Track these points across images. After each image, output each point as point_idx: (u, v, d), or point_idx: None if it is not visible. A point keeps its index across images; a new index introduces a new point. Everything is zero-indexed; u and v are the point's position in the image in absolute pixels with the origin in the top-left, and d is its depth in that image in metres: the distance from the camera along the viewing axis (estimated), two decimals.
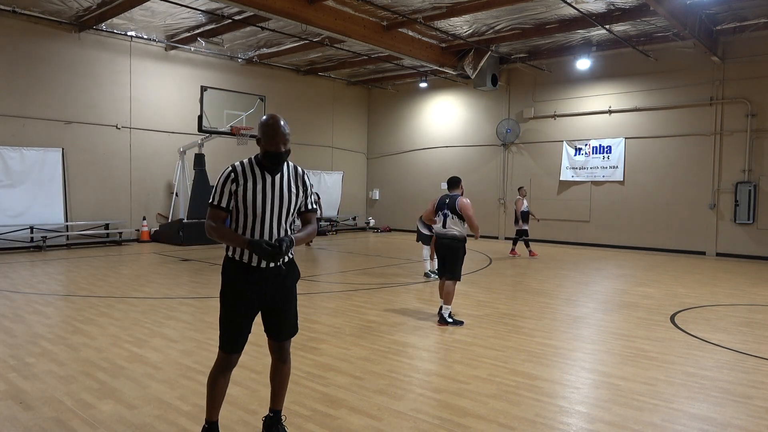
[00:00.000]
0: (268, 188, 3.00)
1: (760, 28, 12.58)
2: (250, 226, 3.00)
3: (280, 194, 3.03)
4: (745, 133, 13.64)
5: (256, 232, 3.00)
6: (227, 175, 3.00)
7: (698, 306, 7.65)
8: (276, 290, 3.08)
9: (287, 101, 18.56)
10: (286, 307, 3.16)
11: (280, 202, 3.03)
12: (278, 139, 2.95)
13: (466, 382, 4.36)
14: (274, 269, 3.04)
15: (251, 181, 2.98)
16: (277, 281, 3.07)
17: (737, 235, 13.79)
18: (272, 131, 2.95)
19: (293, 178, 3.11)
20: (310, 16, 11.30)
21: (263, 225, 3.00)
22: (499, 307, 7.40)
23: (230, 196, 2.99)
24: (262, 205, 2.98)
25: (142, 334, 5.68)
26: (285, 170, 3.09)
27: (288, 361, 3.29)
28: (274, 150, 2.95)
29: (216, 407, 3.15)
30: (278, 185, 3.04)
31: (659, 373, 4.65)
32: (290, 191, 3.07)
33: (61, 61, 13.73)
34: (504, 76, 17.29)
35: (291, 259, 3.18)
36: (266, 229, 3.01)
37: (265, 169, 3.02)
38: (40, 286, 8.44)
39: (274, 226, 3.03)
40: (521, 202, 13.29)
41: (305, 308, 7.13)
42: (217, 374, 3.11)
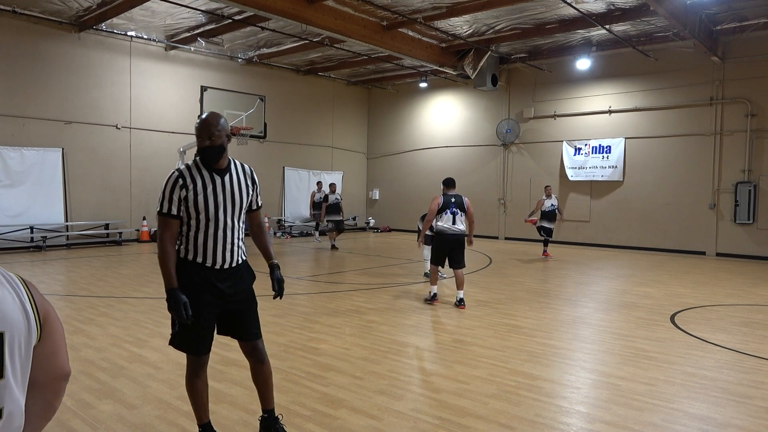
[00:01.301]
0: (218, 190, 2.98)
1: (760, 28, 12.58)
2: (203, 229, 2.98)
3: (231, 195, 3.02)
4: (745, 133, 13.64)
5: (209, 234, 2.98)
6: (174, 181, 2.94)
7: (698, 306, 7.65)
8: (233, 290, 3.07)
9: (287, 101, 18.57)
10: (248, 307, 3.16)
11: (232, 202, 3.02)
12: (204, 134, 2.92)
13: (466, 382, 4.36)
14: (228, 270, 3.05)
15: (200, 185, 2.95)
16: (232, 282, 3.07)
17: (737, 235, 13.79)
18: (200, 127, 2.94)
19: (243, 177, 3.09)
20: (310, 16, 11.30)
21: (216, 227, 2.98)
22: (499, 307, 7.40)
23: (179, 202, 2.93)
24: (215, 207, 2.96)
25: (142, 334, 5.68)
26: (234, 170, 3.07)
27: (266, 361, 3.27)
28: (200, 145, 2.94)
29: (204, 410, 3.17)
30: (228, 186, 3.01)
31: (659, 373, 4.65)
32: (241, 190, 3.06)
33: (61, 61, 13.73)
34: (504, 76, 17.29)
35: (245, 260, 3.19)
36: (220, 231, 2.99)
37: (213, 170, 2.99)
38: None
39: (228, 227, 3.02)
40: (543, 202, 12.98)
41: (305, 308, 7.14)
42: (192, 379, 3.11)
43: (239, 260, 3.12)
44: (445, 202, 7.25)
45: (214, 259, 3.00)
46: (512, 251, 14.62)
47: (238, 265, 3.10)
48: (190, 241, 2.99)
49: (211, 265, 3.00)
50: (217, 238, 2.99)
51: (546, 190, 13.27)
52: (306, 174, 19.46)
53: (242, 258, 3.16)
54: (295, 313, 6.80)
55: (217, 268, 3.01)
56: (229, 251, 3.04)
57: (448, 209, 7.20)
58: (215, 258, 3.00)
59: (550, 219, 13.04)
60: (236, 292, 3.08)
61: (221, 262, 3.02)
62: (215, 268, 3.01)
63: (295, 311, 6.93)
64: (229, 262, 3.05)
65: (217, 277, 3.01)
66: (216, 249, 3.00)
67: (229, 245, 3.04)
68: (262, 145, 17.55)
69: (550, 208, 13.01)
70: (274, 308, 7.05)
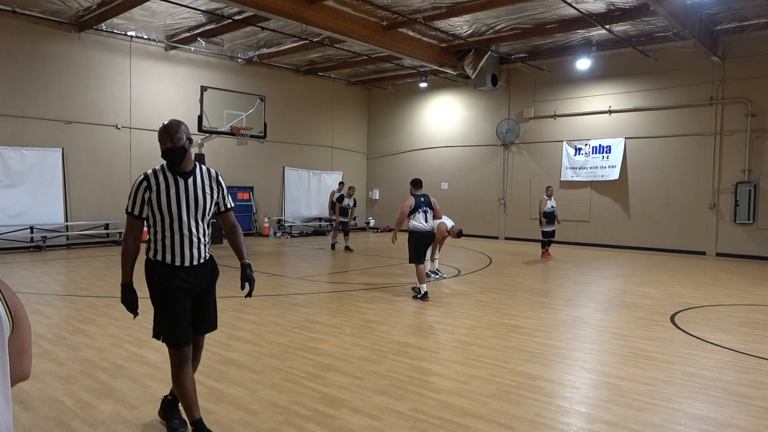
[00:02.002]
0: (182, 192, 3.17)
1: (760, 28, 12.58)
2: (168, 227, 3.16)
3: (195, 196, 3.20)
4: (745, 133, 13.64)
5: (174, 233, 3.16)
6: (140, 183, 3.16)
7: (698, 306, 7.65)
8: (197, 285, 3.26)
9: (287, 101, 18.57)
10: (207, 300, 3.34)
11: (195, 204, 3.20)
12: (166, 137, 3.13)
13: (466, 382, 4.35)
14: (195, 267, 3.24)
15: (164, 187, 3.15)
16: (198, 278, 3.26)
17: (737, 235, 13.79)
18: (162, 131, 3.15)
19: (207, 180, 3.28)
20: (310, 16, 11.30)
21: (181, 226, 3.17)
22: (499, 307, 7.39)
23: (143, 203, 3.16)
24: (177, 208, 3.15)
25: (142, 334, 5.68)
26: (198, 173, 3.26)
27: (198, 359, 3.45)
28: (163, 147, 3.14)
29: (194, 405, 3.25)
30: (192, 188, 3.20)
31: (659, 373, 4.65)
32: (204, 192, 3.24)
33: (61, 61, 13.73)
34: (504, 76, 17.29)
35: (210, 256, 3.36)
36: (184, 230, 3.18)
37: (177, 174, 3.18)
38: (40, 286, 8.44)
39: (192, 227, 3.20)
40: (545, 202, 12.83)
41: (305, 308, 7.14)
42: (177, 375, 3.21)
43: (205, 257, 3.30)
44: (416, 202, 7.75)
45: (182, 257, 3.18)
46: (512, 251, 14.63)
47: (204, 261, 3.29)
48: (158, 241, 3.19)
49: (179, 263, 3.18)
50: (183, 237, 3.17)
51: (548, 190, 13.16)
52: (306, 174, 19.46)
53: (207, 255, 3.33)
54: (295, 313, 6.80)
55: (185, 266, 3.20)
56: (195, 249, 3.22)
57: (420, 209, 7.75)
58: (182, 256, 3.19)
59: (550, 220, 12.95)
60: (200, 286, 3.27)
61: (189, 260, 3.20)
62: (183, 265, 3.19)
63: (295, 311, 6.93)
64: (195, 260, 3.23)
65: (187, 274, 3.21)
66: (182, 247, 3.18)
67: (195, 243, 3.21)
68: (262, 145, 17.56)
69: (551, 209, 12.91)
70: (274, 308, 7.05)
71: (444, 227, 9.36)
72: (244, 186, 17.71)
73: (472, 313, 6.94)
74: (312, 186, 19.65)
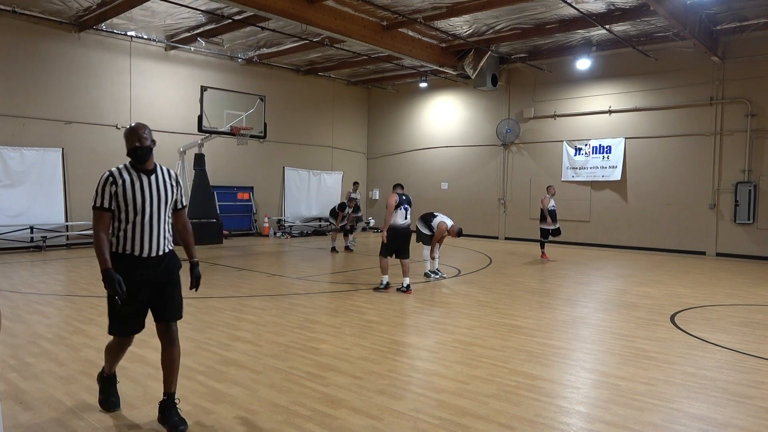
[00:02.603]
0: (145, 187, 3.43)
1: (760, 28, 12.58)
2: (132, 221, 3.39)
3: (157, 191, 3.47)
4: (745, 133, 13.64)
5: (137, 226, 3.39)
6: (106, 179, 3.40)
7: (698, 306, 7.65)
8: (159, 277, 3.48)
9: (287, 101, 18.57)
10: (170, 290, 3.54)
11: (158, 198, 3.46)
12: (134, 138, 3.41)
13: (466, 382, 4.35)
14: (155, 258, 3.46)
15: (129, 182, 3.40)
16: (157, 269, 3.47)
17: (737, 235, 13.79)
18: (130, 132, 3.44)
19: (167, 178, 3.56)
20: (310, 16, 11.30)
21: (143, 219, 3.40)
22: (499, 307, 7.39)
23: (110, 197, 3.37)
24: (142, 202, 3.39)
25: (141, 334, 5.65)
26: (159, 172, 3.54)
27: (176, 344, 3.61)
28: (131, 146, 3.42)
29: (115, 364, 3.77)
30: (154, 184, 3.47)
31: (659, 373, 4.65)
32: (165, 188, 3.52)
33: (61, 61, 13.73)
34: (504, 76, 17.29)
35: (171, 249, 3.59)
36: (146, 222, 3.41)
37: (140, 171, 3.46)
38: (40, 286, 8.44)
39: (154, 219, 3.44)
40: (548, 200, 12.79)
41: (305, 308, 7.14)
42: (114, 350, 3.67)
43: (165, 249, 3.53)
44: (399, 200, 8.30)
45: (142, 247, 3.40)
46: (512, 251, 14.63)
47: (165, 254, 3.52)
48: (120, 233, 3.40)
49: (139, 254, 3.40)
50: (144, 229, 3.40)
51: (550, 189, 13.11)
52: (306, 174, 19.46)
53: (168, 248, 3.56)
54: (295, 313, 6.80)
55: (144, 257, 3.41)
56: (155, 241, 3.45)
57: (402, 206, 8.30)
58: (143, 247, 3.40)
59: (553, 219, 12.92)
60: (161, 277, 3.49)
61: (148, 251, 3.42)
62: (143, 256, 3.41)
63: (295, 311, 6.93)
64: (156, 251, 3.45)
65: (146, 265, 3.42)
66: (143, 239, 3.40)
67: (156, 235, 3.45)
68: (262, 145, 17.55)
69: (552, 208, 12.91)
70: (274, 308, 7.05)
71: (444, 226, 9.36)
72: (244, 186, 17.72)
73: (472, 313, 6.94)
74: (312, 186, 19.64)
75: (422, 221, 9.68)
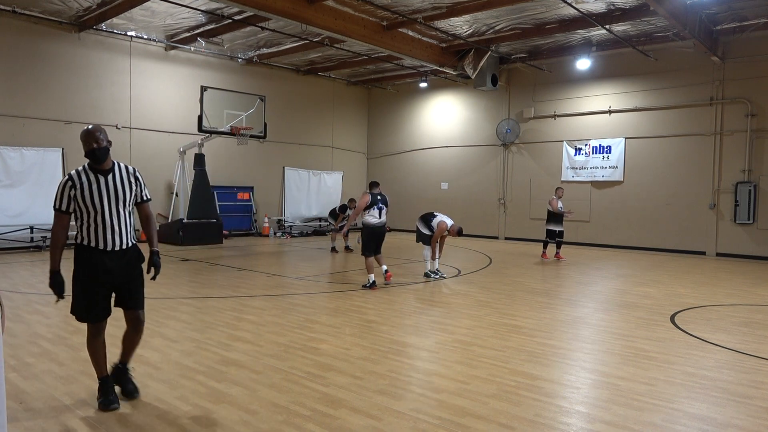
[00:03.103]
0: (102, 187, 3.65)
1: (760, 28, 12.58)
2: (93, 219, 3.64)
3: (115, 190, 3.69)
4: (745, 133, 13.64)
5: (98, 224, 3.64)
6: (65, 182, 3.63)
7: (698, 306, 7.65)
8: (122, 269, 3.73)
9: (287, 101, 18.57)
10: (134, 282, 3.83)
11: (116, 196, 3.69)
12: (91, 140, 3.62)
13: (466, 382, 4.35)
14: (118, 252, 3.72)
15: (87, 184, 3.62)
16: (122, 261, 3.73)
17: (737, 235, 13.79)
18: (87, 134, 3.65)
19: (125, 176, 3.77)
20: (310, 16, 11.30)
21: (104, 217, 3.65)
22: (499, 307, 7.39)
23: (70, 200, 3.61)
24: (100, 201, 3.63)
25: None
26: (117, 171, 3.74)
27: (141, 330, 3.95)
28: (88, 148, 3.63)
29: (103, 365, 3.82)
30: (111, 183, 3.69)
31: (659, 373, 4.65)
32: (123, 186, 3.73)
33: (61, 61, 13.73)
34: (504, 76, 17.29)
35: (134, 244, 3.85)
36: (107, 220, 3.66)
37: (98, 172, 3.67)
38: (40, 286, 8.44)
39: (114, 216, 3.68)
40: (556, 202, 12.70)
41: (305, 308, 7.14)
42: (91, 341, 3.78)
43: (128, 244, 3.76)
44: (372, 200, 8.53)
45: (105, 242, 3.66)
46: (512, 251, 14.63)
47: (127, 248, 3.76)
48: (84, 230, 3.66)
49: (102, 248, 3.66)
50: (105, 226, 3.65)
51: (558, 191, 12.94)
52: (306, 174, 19.46)
53: (131, 242, 3.79)
54: (295, 313, 6.80)
55: (108, 250, 3.67)
56: (117, 236, 3.70)
57: (375, 205, 8.54)
58: (105, 242, 3.67)
59: (559, 220, 12.82)
60: (124, 270, 3.75)
61: (111, 245, 3.68)
62: (106, 250, 3.67)
63: (295, 311, 6.93)
64: (118, 245, 3.70)
65: (109, 258, 3.68)
66: (105, 234, 3.66)
67: (116, 231, 3.69)
68: (262, 145, 17.56)
69: (560, 209, 12.75)
70: (274, 308, 7.05)
71: (444, 225, 9.35)
72: (244, 186, 17.72)
73: (472, 313, 6.94)
74: (312, 186, 19.64)
75: (422, 221, 9.68)
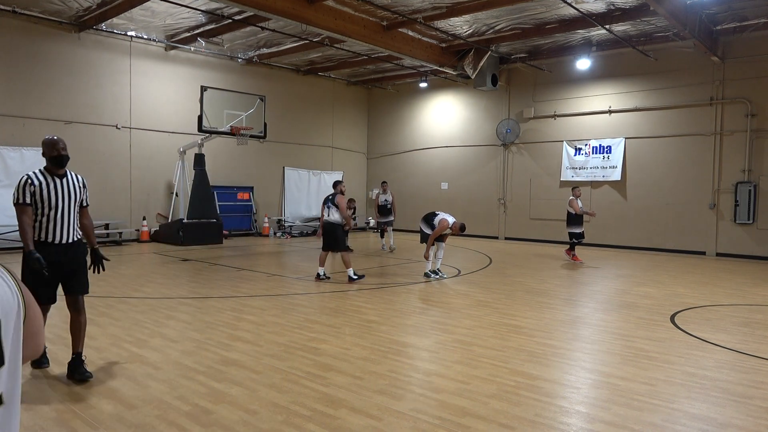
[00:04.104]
0: (58, 188, 4.30)
1: (760, 28, 12.58)
2: (47, 215, 4.24)
3: (67, 191, 4.35)
4: (745, 133, 13.64)
5: (50, 219, 4.25)
6: (25, 181, 4.19)
7: (698, 306, 7.65)
8: (68, 259, 4.36)
9: (287, 101, 18.57)
10: (77, 270, 4.45)
11: (68, 197, 4.34)
12: (57, 147, 4.27)
13: (466, 382, 4.35)
14: (65, 245, 4.34)
15: (45, 184, 4.23)
16: (67, 253, 4.36)
17: (737, 235, 13.79)
18: (52, 143, 4.27)
19: (76, 182, 4.45)
20: (310, 16, 11.30)
21: (56, 213, 4.27)
22: (499, 307, 7.40)
23: (30, 195, 4.19)
24: (55, 200, 4.26)
25: (142, 334, 5.68)
26: (69, 176, 4.40)
27: (83, 313, 4.54)
28: (52, 154, 4.25)
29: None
30: (65, 186, 4.34)
31: (659, 373, 4.65)
32: (75, 189, 4.41)
33: (61, 61, 13.72)
34: (504, 76, 17.28)
35: (80, 238, 4.49)
36: (59, 216, 4.28)
37: (54, 175, 4.31)
38: None
39: (65, 214, 4.32)
40: (576, 202, 12.45)
41: (305, 308, 7.14)
42: None
43: (74, 238, 4.41)
44: (325, 200, 9.29)
45: (54, 236, 4.28)
46: (512, 251, 14.63)
47: (74, 241, 4.40)
48: (37, 224, 4.24)
49: (52, 241, 4.28)
50: (57, 222, 4.28)
51: (575, 191, 12.67)
52: (306, 174, 19.46)
53: (76, 237, 4.43)
54: (295, 313, 6.80)
55: (57, 243, 4.29)
56: (66, 231, 4.34)
57: (325, 205, 9.26)
58: (55, 235, 4.29)
59: (580, 222, 12.56)
60: (70, 260, 4.37)
61: (60, 238, 4.30)
62: (56, 242, 4.29)
63: (295, 311, 6.93)
64: (66, 239, 4.33)
65: (57, 250, 4.29)
66: (56, 229, 4.29)
67: (66, 227, 4.34)
68: (262, 145, 17.56)
69: (582, 210, 12.51)
70: (274, 308, 7.06)
71: (446, 223, 9.32)
72: (244, 186, 17.72)
73: (472, 313, 6.94)
74: (312, 186, 19.63)
75: (425, 221, 9.67)
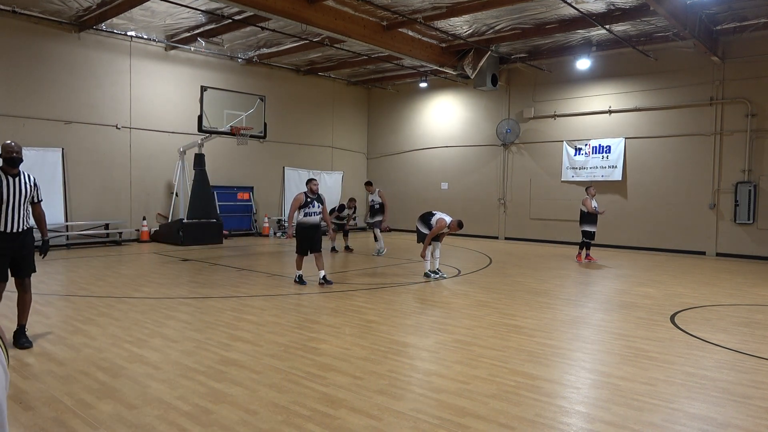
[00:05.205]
0: (11, 186, 5.12)
1: (760, 28, 12.58)
2: (2, 209, 5.05)
3: (19, 189, 5.17)
4: (745, 133, 13.64)
5: (2, 212, 5.05)
6: None
7: (698, 306, 7.65)
8: (18, 246, 5.20)
9: (287, 101, 18.57)
10: (25, 256, 5.28)
11: (19, 194, 5.16)
12: (13, 150, 5.11)
13: (466, 382, 4.35)
14: (15, 234, 5.16)
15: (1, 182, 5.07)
16: (18, 241, 5.20)
17: (737, 235, 13.78)
18: (6, 147, 5.10)
19: (28, 181, 5.26)
20: (310, 16, 11.30)
21: (8, 207, 5.09)
22: (499, 307, 7.39)
23: None
24: (8, 195, 5.08)
25: (142, 334, 5.68)
26: (22, 176, 5.22)
27: (29, 292, 5.36)
28: (8, 156, 5.08)
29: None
30: (18, 184, 5.17)
31: (659, 373, 4.65)
32: (26, 187, 5.23)
33: (61, 61, 13.72)
34: (504, 76, 17.28)
35: (29, 228, 5.30)
36: (11, 210, 5.10)
37: (8, 174, 5.13)
38: (40, 286, 8.43)
39: (16, 208, 5.14)
40: (590, 201, 12.37)
41: (305, 308, 7.14)
42: None
43: (23, 228, 5.23)
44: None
45: (6, 226, 5.11)
46: (512, 251, 14.63)
47: (22, 231, 5.22)
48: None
49: (3, 230, 5.10)
50: (8, 214, 5.11)
51: (590, 190, 12.57)
52: (306, 174, 19.43)
53: (25, 227, 5.25)
54: (295, 313, 6.80)
55: (8, 232, 5.13)
56: (16, 222, 5.16)
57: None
58: (6, 226, 5.12)
59: (594, 221, 12.44)
60: (19, 246, 5.21)
61: (11, 228, 5.14)
62: (7, 232, 5.12)
63: (295, 311, 6.93)
64: (16, 228, 5.15)
65: (8, 238, 5.14)
66: (7, 220, 5.11)
67: (16, 218, 5.15)
68: (262, 145, 17.56)
69: (595, 210, 12.37)
70: (274, 308, 7.06)
71: (443, 223, 9.32)
72: (244, 186, 17.72)
73: (472, 313, 6.94)
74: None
75: (421, 221, 9.67)
